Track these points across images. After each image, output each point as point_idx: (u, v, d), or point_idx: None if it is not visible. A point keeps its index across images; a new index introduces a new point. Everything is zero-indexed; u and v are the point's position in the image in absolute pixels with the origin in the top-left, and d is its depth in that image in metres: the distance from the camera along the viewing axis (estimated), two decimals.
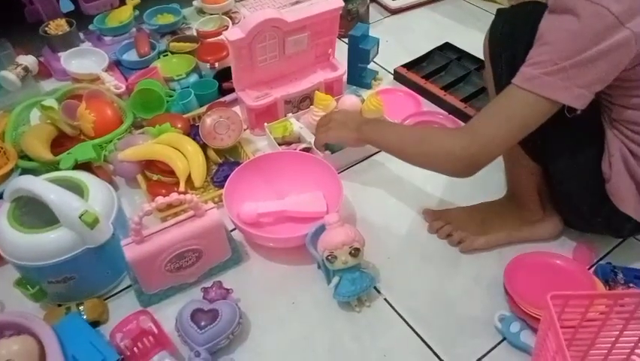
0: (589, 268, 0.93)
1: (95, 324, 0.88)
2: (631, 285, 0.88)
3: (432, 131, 0.93)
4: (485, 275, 0.94)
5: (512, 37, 0.82)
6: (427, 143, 0.86)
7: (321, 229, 0.89)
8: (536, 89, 0.72)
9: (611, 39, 0.68)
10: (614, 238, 0.98)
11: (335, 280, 0.87)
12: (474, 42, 1.25)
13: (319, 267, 0.94)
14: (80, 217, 0.81)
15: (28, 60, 1.36)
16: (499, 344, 0.85)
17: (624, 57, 0.70)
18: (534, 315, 0.82)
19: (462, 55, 1.39)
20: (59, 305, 0.90)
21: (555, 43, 0.71)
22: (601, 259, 0.96)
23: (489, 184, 1.08)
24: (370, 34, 1.34)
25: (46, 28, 1.44)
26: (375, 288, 0.92)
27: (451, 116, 1.25)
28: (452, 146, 0.80)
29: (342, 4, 1.16)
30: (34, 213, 0.86)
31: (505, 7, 0.87)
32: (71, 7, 1.47)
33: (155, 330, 0.84)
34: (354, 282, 0.87)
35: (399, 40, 1.49)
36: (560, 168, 0.87)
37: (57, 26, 1.45)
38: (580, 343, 0.74)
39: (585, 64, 0.69)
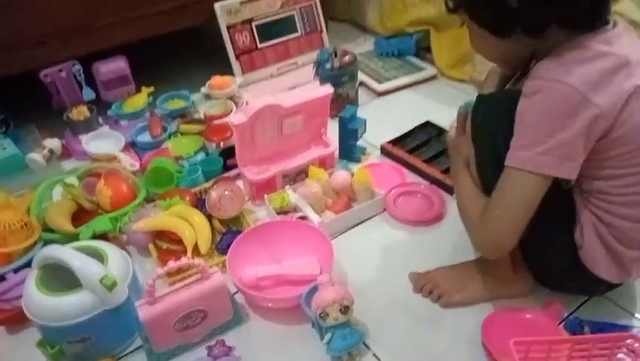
0: (559, 323, 1.01)
1: None
2: None
3: (468, 208, 0.94)
4: (466, 330, 1.02)
5: (493, 120, 0.89)
6: (464, 222, 0.97)
7: (314, 289, 0.99)
8: (535, 169, 0.78)
9: (582, 115, 0.76)
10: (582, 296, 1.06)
11: (327, 336, 0.95)
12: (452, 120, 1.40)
13: (313, 325, 1.02)
14: (100, 281, 0.92)
15: (53, 143, 1.50)
16: None
17: (596, 131, 0.78)
18: None
19: (441, 131, 1.53)
20: None
21: (535, 124, 0.78)
22: (571, 313, 1.04)
23: (468, 246, 1.18)
24: (359, 114, 1.49)
25: (69, 114, 1.58)
26: (364, 343, 1.00)
27: (433, 185, 1.38)
28: (476, 237, 0.92)
29: (332, 91, 1.33)
30: (59, 279, 0.97)
31: (484, 94, 0.96)
32: (93, 96, 1.61)
33: None
34: (344, 338, 0.95)
35: (385, 119, 1.64)
36: (534, 239, 0.92)
37: (79, 112, 1.59)
38: None
39: (567, 140, 0.77)
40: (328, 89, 1.33)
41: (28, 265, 1.10)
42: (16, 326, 1.07)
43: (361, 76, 1.78)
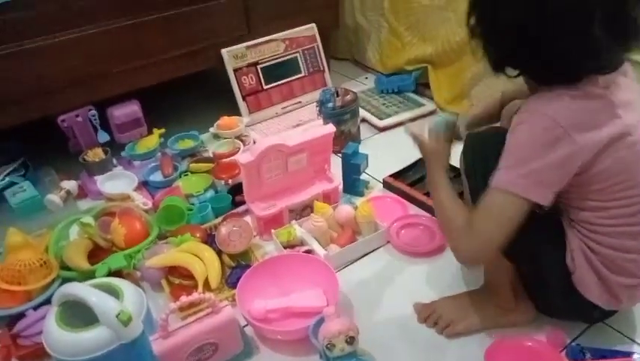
0: (561, 350, 1.04)
1: None
2: None
3: (452, 217, 0.94)
4: (470, 359, 1.04)
5: (482, 156, 0.96)
6: (445, 226, 0.98)
7: (321, 320, 1.02)
8: (515, 190, 0.83)
9: (560, 148, 0.80)
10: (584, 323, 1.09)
11: None
12: (452, 153, 1.46)
13: (321, 356, 1.05)
14: (116, 316, 0.96)
15: (70, 185, 1.57)
16: None
17: (573, 166, 0.82)
18: None
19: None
20: None
21: (517, 150, 0.84)
22: (573, 340, 1.06)
23: (470, 276, 1.22)
24: (361, 149, 1.55)
25: (85, 156, 1.65)
26: None
27: (434, 217, 1.42)
28: (461, 246, 0.92)
29: (334, 129, 1.39)
30: (77, 315, 1.01)
31: (473, 132, 1.03)
32: (107, 138, 1.69)
33: None
34: None
35: (387, 154, 1.70)
36: (530, 266, 1.00)
37: (94, 154, 1.66)
38: None
39: (543, 168, 0.81)
40: (330, 128, 1.39)
41: (47, 302, 1.15)
42: None
43: (363, 112, 1.85)
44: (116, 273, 1.25)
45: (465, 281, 1.22)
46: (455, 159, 1.11)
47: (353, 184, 1.54)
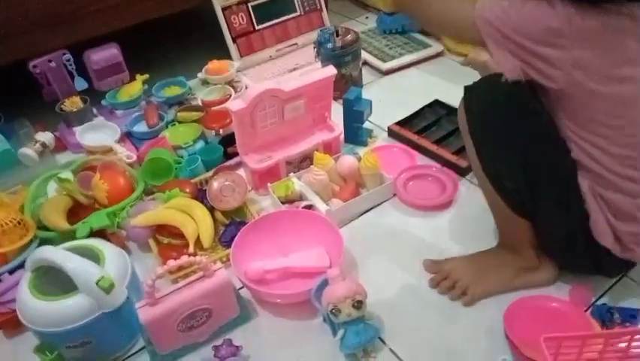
0: (586, 310, 0.96)
1: None
2: (627, 324, 0.90)
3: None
4: (486, 321, 0.96)
5: (487, 111, 0.89)
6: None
7: (325, 283, 0.93)
8: (484, 35, 0.81)
9: (554, 50, 0.76)
10: (608, 279, 1.01)
11: (340, 332, 0.90)
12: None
13: (325, 320, 0.97)
14: (96, 283, 0.87)
15: (46, 136, 1.45)
16: None
17: (547, 70, 0.78)
18: (536, 359, 0.84)
19: (451, 110, 1.47)
20: None
21: (519, 17, 0.78)
22: (597, 299, 0.98)
23: (484, 232, 1.12)
24: (364, 95, 1.43)
25: (62, 106, 1.53)
26: (380, 338, 0.95)
27: (444, 167, 1.31)
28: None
29: (335, 72, 1.26)
30: (53, 282, 0.91)
31: (470, 84, 0.93)
32: (85, 86, 1.56)
33: None
34: (358, 334, 0.90)
35: (391, 99, 1.58)
36: (547, 214, 0.92)
37: (72, 103, 1.54)
38: None
39: (522, 46, 0.78)
40: (331, 70, 1.26)
41: (23, 265, 1.04)
42: (14, 329, 1.02)
43: (364, 55, 1.71)
44: (99, 233, 1.15)
45: (479, 236, 1.12)
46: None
47: (355, 133, 1.42)
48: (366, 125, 1.45)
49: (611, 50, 0.77)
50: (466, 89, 0.93)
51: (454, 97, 1.46)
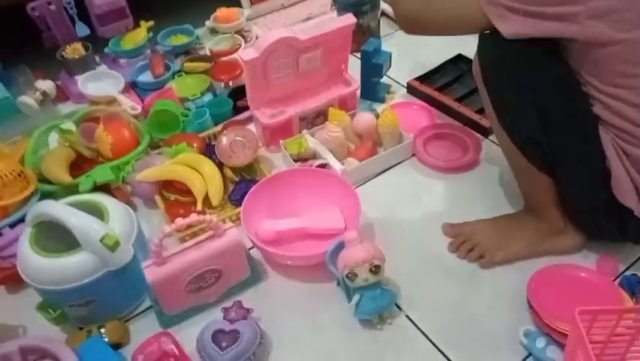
0: (614, 280, 0.91)
1: (116, 346, 0.88)
2: None
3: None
4: (507, 289, 0.92)
5: (501, 58, 0.85)
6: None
7: (340, 246, 0.89)
8: (489, 13, 0.80)
9: (567, 6, 0.74)
10: (637, 248, 0.95)
11: (356, 298, 0.86)
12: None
13: (339, 284, 0.93)
14: (100, 240, 0.82)
15: (46, 85, 1.38)
16: (525, 359, 0.83)
17: (564, 29, 0.76)
18: (560, 330, 0.80)
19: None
20: (80, 328, 0.90)
21: None
22: (626, 269, 0.94)
23: (508, 196, 1.07)
24: (382, 48, 1.35)
25: (63, 53, 1.47)
26: (396, 305, 0.91)
27: (466, 127, 1.24)
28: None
29: (354, 20, 1.17)
30: (56, 237, 0.87)
31: (484, 34, 0.87)
32: (87, 32, 1.49)
33: (177, 352, 0.84)
34: (375, 299, 0.86)
35: (411, 54, 1.49)
36: (568, 171, 0.87)
37: (73, 50, 1.47)
38: (609, 358, 0.73)
39: (535, 15, 0.76)
40: (351, 19, 1.16)
41: (24, 219, 1.00)
42: (17, 285, 0.99)
43: (383, 5, 1.60)
44: (103, 187, 1.10)
45: (502, 200, 1.07)
46: None
47: (373, 88, 1.34)
48: (384, 80, 1.37)
49: None
50: (480, 38, 0.88)
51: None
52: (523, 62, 0.82)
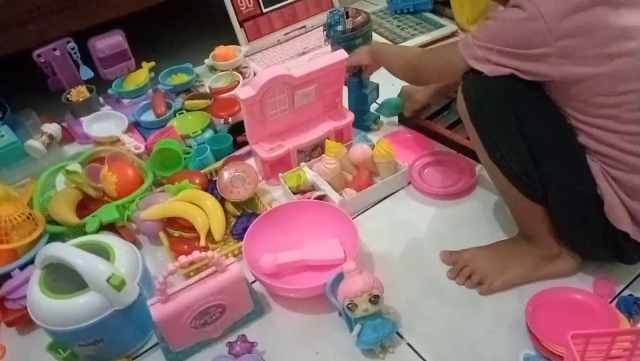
0: (610, 301, 0.93)
1: None
2: None
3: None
4: (506, 314, 0.94)
5: (485, 93, 0.88)
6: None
7: (340, 277, 0.91)
8: (465, 55, 0.87)
9: (536, 49, 0.80)
10: (633, 270, 0.97)
11: (357, 328, 0.88)
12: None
13: (340, 315, 0.95)
14: (107, 281, 0.85)
15: (52, 128, 1.42)
16: None
17: (537, 68, 0.81)
18: (559, 353, 0.81)
19: None
20: None
21: (495, 28, 0.85)
22: (622, 290, 0.95)
23: (504, 219, 1.09)
24: (374, 78, 1.38)
25: (68, 96, 1.51)
26: (397, 333, 0.92)
27: (460, 154, 1.27)
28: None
29: (347, 56, 1.21)
30: (65, 279, 0.89)
31: (467, 71, 0.91)
32: (91, 75, 1.53)
33: None
34: (376, 329, 0.87)
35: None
36: (560, 200, 0.89)
37: (78, 93, 1.51)
38: None
39: (508, 55, 0.82)
40: (343, 54, 1.21)
41: (34, 260, 1.03)
42: (27, 326, 1.01)
43: (375, 37, 1.66)
44: (109, 226, 1.13)
45: (499, 224, 1.09)
46: None
47: (361, 118, 1.37)
48: (375, 109, 1.41)
49: (592, 30, 0.78)
50: (464, 76, 0.91)
51: None
52: (508, 96, 0.85)
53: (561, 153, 0.86)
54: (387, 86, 1.37)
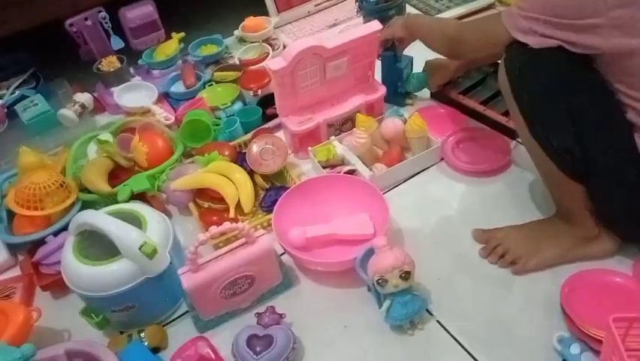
0: None
1: (155, 350, 0.91)
2: None
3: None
4: (540, 295, 0.91)
5: (530, 67, 0.84)
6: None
7: (370, 252, 0.90)
8: (509, 27, 0.84)
9: (587, 20, 0.75)
10: None
11: (386, 303, 0.87)
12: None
13: (369, 290, 0.94)
14: (139, 249, 0.85)
15: (84, 97, 1.44)
16: None
17: (586, 40, 0.77)
18: (595, 336, 0.79)
19: (498, 67, 1.36)
20: (121, 333, 0.93)
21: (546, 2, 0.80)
22: None
23: (539, 199, 1.06)
24: (407, 52, 1.35)
25: (99, 66, 1.52)
26: (427, 310, 0.91)
27: (494, 130, 1.23)
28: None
29: (380, 26, 1.17)
30: (98, 245, 0.91)
31: (511, 44, 0.87)
32: (122, 45, 1.54)
33: (213, 356, 0.87)
34: (405, 305, 0.86)
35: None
36: (603, 180, 0.85)
37: (109, 63, 1.52)
38: None
39: (555, 25, 0.78)
40: (376, 25, 1.17)
41: (67, 227, 1.05)
42: (61, 291, 1.03)
43: (409, 9, 1.62)
44: (140, 195, 1.14)
45: (533, 203, 1.06)
46: None
47: (395, 92, 1.34)
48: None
49: None
50: (507, 48, 0.87)
51: None
52: (554, 70, 0.81)
53: (608, 131, 0.82)
54: (421, 60, 1.34)
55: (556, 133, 0.85)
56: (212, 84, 1.46)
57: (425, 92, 1.38)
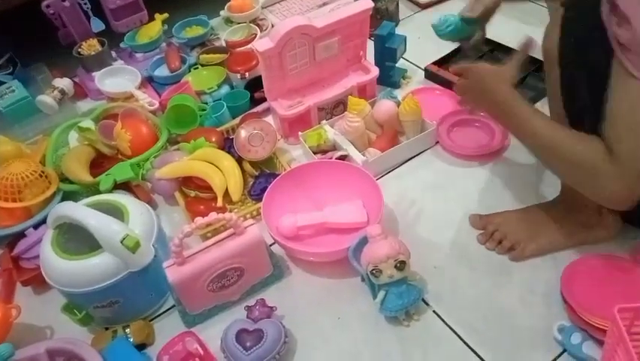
0: None
1: (141, 346, 0.87)
2: None
3: (572, 153, 0.72)
4: (540, 282, 0.88)
5: (584, 38, 0.72)
6: (569, 169, 0.75)
7: (364, 241, 0.86)
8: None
9: None
10: None
11: (381, 294, 0.84)
12: (508, 32, 1.19)
13: (363, 280, 0.91)
14: (121, 242, 0.81)
15: (64, 83, 1.38)
16: (559, 356, 0.80)
17: None
18: (597, 325, 0.76)
19: (495, 47, 1.32)
20: (106, 329, 0.90)
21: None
22: None
23: (537, 184, 1.03)
24: (401, 31, 1.30)
25: (80, 49, 1.46)
26: (423, 300, 0.88)
27: None
28: (605, 187, 0.69)
29: (372, 4, 1.12)
30: (78, 239, 0.87)
31: (570, 16, 0.76)
32: (102, 27, 1.48)
33: (201, 352, 0.83)
34: (401, 296, 0.83)
35: (429, 36, 1.42)
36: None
37: (89, 46, 1.46)
38: None
39: None
40: (367, 3, 1.12)
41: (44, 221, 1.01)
42: (42, 286, 0.99)
43: None
44: (124, 185, 1.09)
45: (531, 188, 1.03)
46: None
47: (388, 73, 1.29)
48: (401, 63, 1.33)
49: None
50: (567, 7, 0.76)
51: (499, 31, 1.33)
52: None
53: None
54: (419, 40, 1.29)
55: (592, 113, 0.71)
56: (197, 67, 1.40)
57: (418, 73, 1.34)
